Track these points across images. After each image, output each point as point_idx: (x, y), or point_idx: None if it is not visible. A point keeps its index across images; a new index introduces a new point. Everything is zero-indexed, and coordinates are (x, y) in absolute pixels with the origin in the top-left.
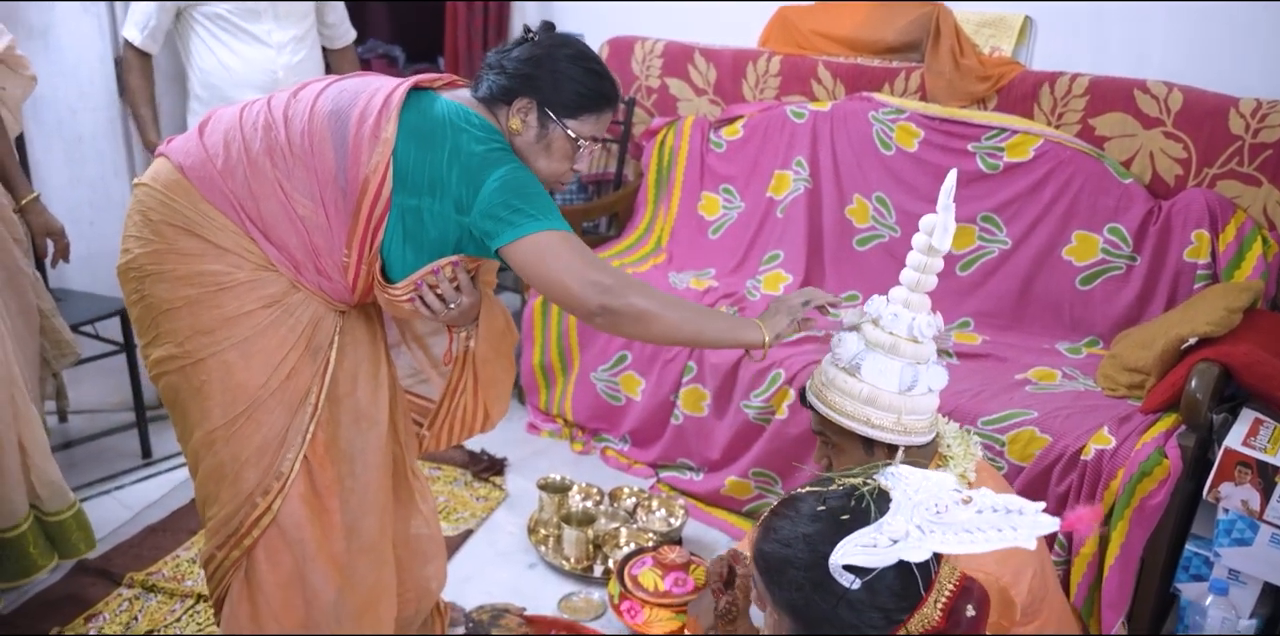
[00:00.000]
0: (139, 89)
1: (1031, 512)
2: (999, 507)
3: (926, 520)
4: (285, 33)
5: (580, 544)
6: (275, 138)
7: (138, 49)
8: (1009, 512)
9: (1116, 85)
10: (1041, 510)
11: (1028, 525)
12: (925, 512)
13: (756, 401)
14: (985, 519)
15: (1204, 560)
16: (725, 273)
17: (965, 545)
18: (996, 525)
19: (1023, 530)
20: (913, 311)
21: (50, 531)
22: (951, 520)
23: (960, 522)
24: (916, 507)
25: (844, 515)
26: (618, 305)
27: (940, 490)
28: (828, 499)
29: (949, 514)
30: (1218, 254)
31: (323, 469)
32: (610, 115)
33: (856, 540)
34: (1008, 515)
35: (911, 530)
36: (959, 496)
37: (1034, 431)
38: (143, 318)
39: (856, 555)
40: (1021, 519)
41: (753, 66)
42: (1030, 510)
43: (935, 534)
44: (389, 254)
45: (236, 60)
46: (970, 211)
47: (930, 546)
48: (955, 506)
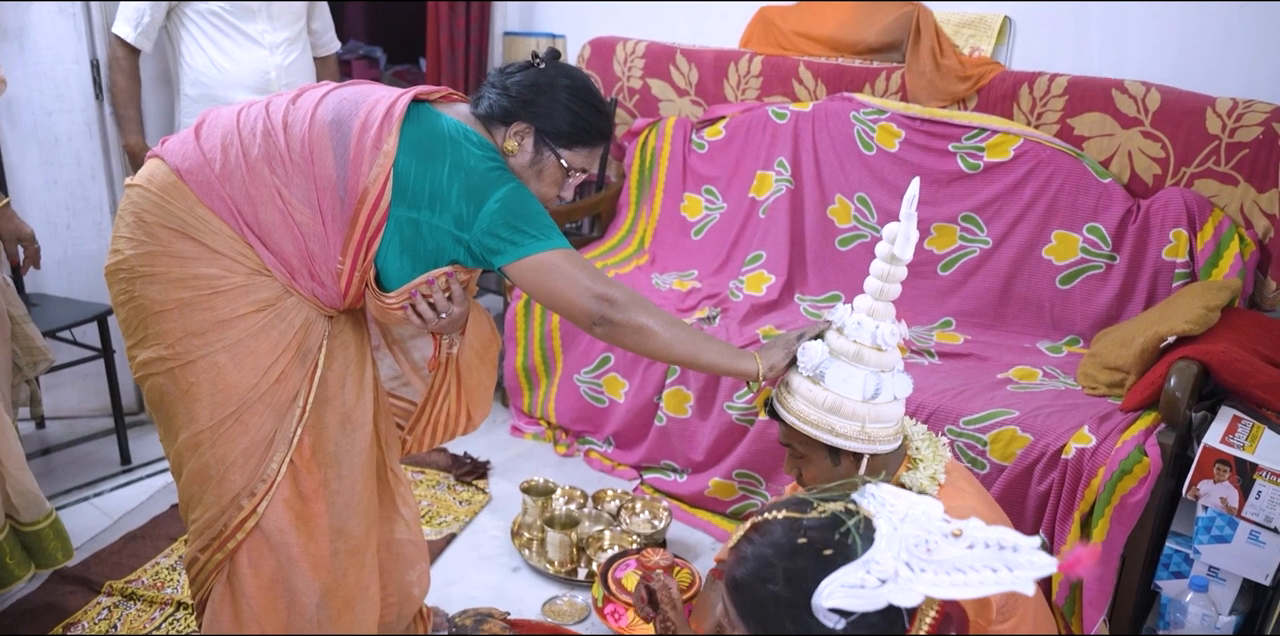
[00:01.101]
0: (126, 89)
1: (1027, 550)
2: (992, 543)
3: (916, 557)
4: (278, 34)
5: (564, 547)
6: (274, 144)
7: (128, 46)
8: (1003, 549)
9: (1095, 85)
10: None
11: (1024, 566)
12: (914, 549)
13: (740, 403)
14: (978, 556)
15: (1184, 557)
16: (708, 273)
17: (959, 587)
18: (990, 564)
19: (1019, 571)
20: (876, 319)
21: (27, 541)
22: (942, 557)
23: (951, 560)
24: (905, 542)
25: (827, 549)
26: (619, 318)
27: (928, 521)
28: (807, 529)
29: (939, 550)
30: (1196, 253)
31: (309, 472)
32: (603, 150)
33: (842, 580)
34: (1001, 552)
35: (900, 569)
36: (949, 528)
37: (1015, 430)
38: (131, 319)
39: (843, 597)
40: (1016, 557)
41: (734, 67)
42: (1025, 547)
43: (926, 574)
44: (384, 263)
45: (229, 60)
46: (951, 211)
47: (921, 589)
48: (945, 540)
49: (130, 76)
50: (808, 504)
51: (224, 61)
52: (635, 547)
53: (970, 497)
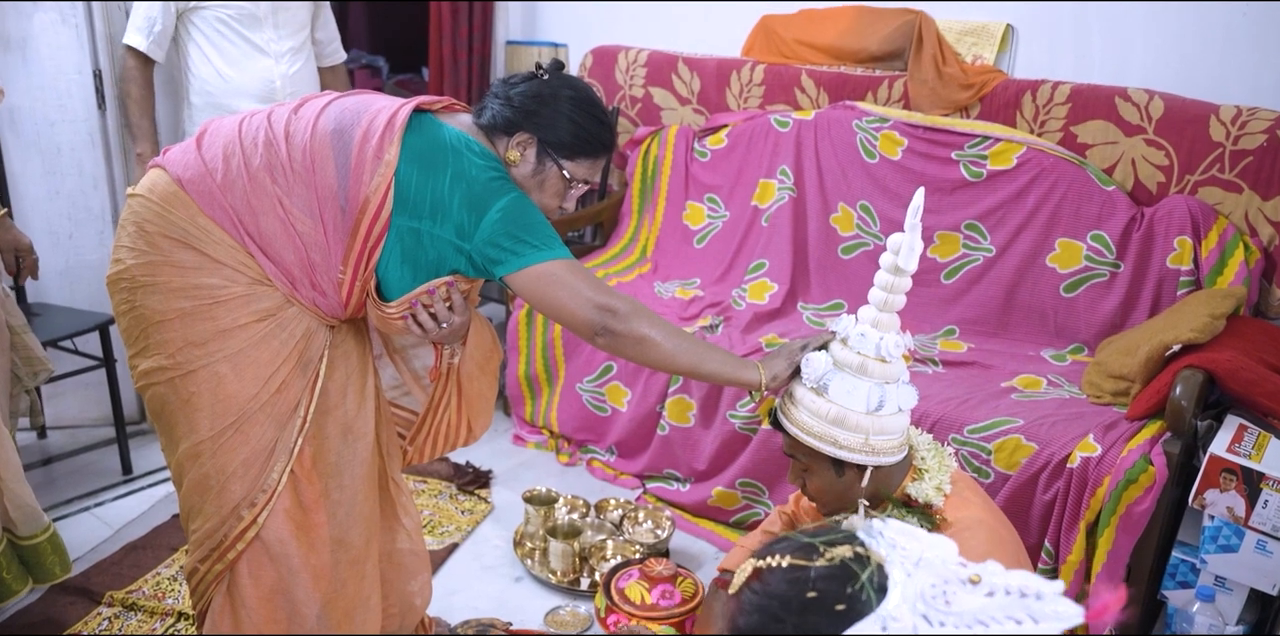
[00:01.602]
0: (140, 99)
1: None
2: (1013, 590)
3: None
4: (284, 43)
5: (566, 557)
6: (276, 154)
7: (141, 57)
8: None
9: (1098, 93)
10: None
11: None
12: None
13: (743, 411)
14: (999, 605)
15: (1190, 567)
16: (710, 282)
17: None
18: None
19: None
20: (881, 331)
21: (24, 556)
22: (961, 608)
23: (972, 611)
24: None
25: (839, 604)
26: (621, 329)
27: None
28: (816, 581)
29: (957, 600)
30: (1200, 260)
31: (309, 483)
32: (605, 161)
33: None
34: (1024, 600)
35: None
36: (966, 574)
37: (1020, 439)
38: (132, 328)
39: None
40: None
41: (736, 75)
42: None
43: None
44: (385, 273)
45: (235, 69)
46: (954, 219)
47: None
48: (963, 589)
49: (143, 87)
50: (813, 550)
51: (229, 70)
52: (638, 557)
53: (976, 508)
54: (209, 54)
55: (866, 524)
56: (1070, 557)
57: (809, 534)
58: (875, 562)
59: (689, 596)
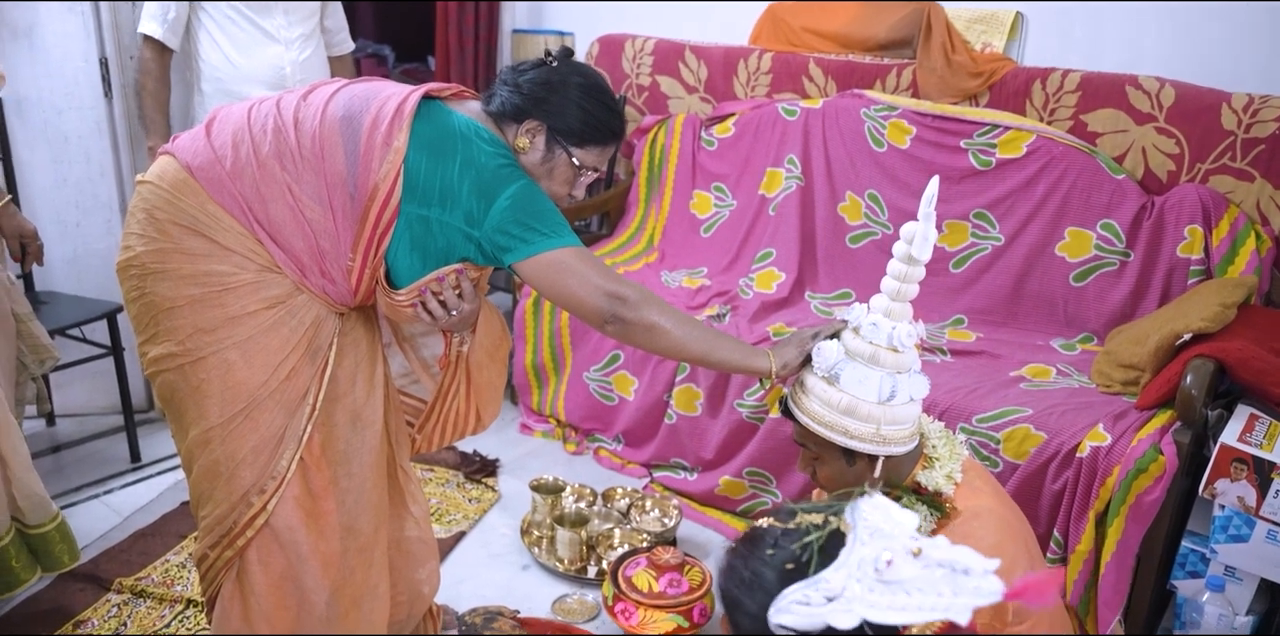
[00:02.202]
0: (155, 92)
1: (978, 574)
2: (946, 564)
3: (867, 576)
4: (294, 29)
5: (574, 545)
6: (285, 141)
7: (157, 47)
8: (954, 573)
9: (1108, 81)
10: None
11: (969, 592)
12: (868, 567)
13: (750, 400)
14: (928, 578)
15: (1200, 557)
16: (718, 271)
17: (896, 612)
18: (937, 588)
19: (962, 597)
20: (893, 320)
21: (33, 544)
22: (895, 577)
23: (902, 582)
24: (863, 560)
25: (789, 564)
26: (631, 317)
27: (893, 539)
28: (777, 541)
29: (894, 569)
30: (1211, 249)
31: (318, 470)
32: (614, 149)
33: (792, 596)
34: (952, 575)
35: (851, 586)
36: (913, 546)
37: (1029, 428)
38: (142, 315)
39: (790, 614)
40: (964, 581)
41: (744, 64)
42: (978, 570)
43: (873, 594)
44: (394, 260)
45: (245, 55)
46: (963, 208)
47: (860, 611)
48: (904, 558)
49: (159, 80)
50: (792, 514)
51: (240, 57)
52: (645, 546)
53: (987, 497)
54: (219, 41)
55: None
56: (1079, 547)
57: (810, 503)
58: (833, 530)
59: (696, 585)
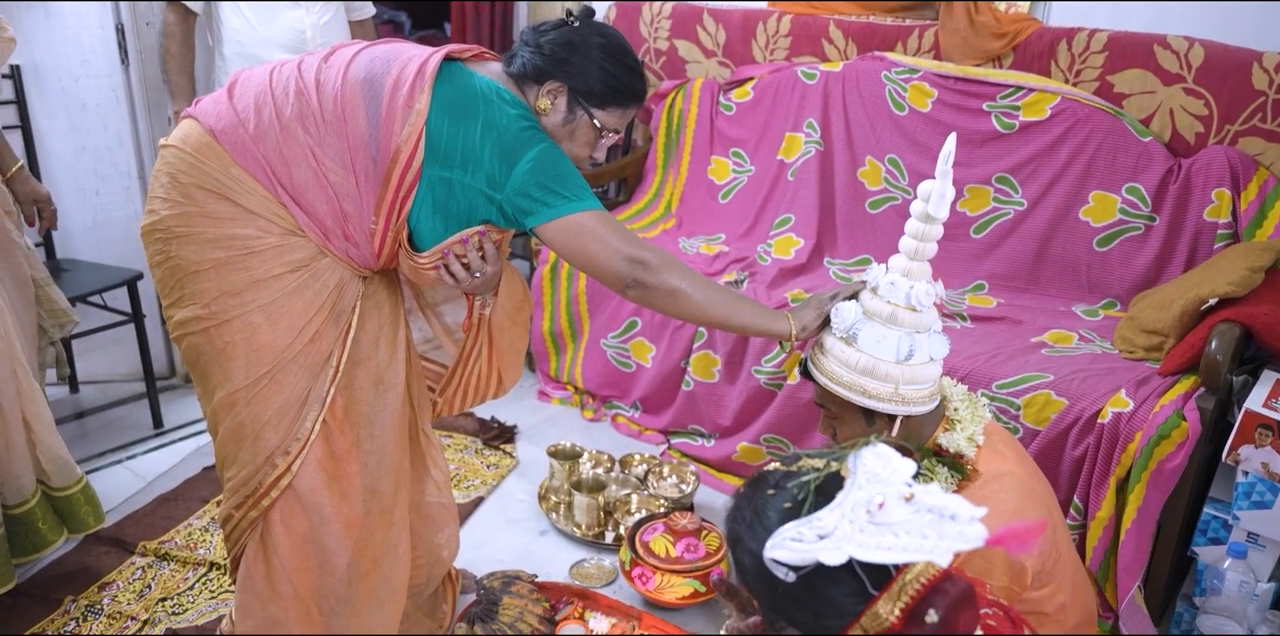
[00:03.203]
0: (179, 56)
1: (964, 521)
2: (934, 510)
3: (859, 517)
4: None
5: (591, 511)
6: (307, 104)
7: (181, 11)
8: (941, 518)
9: (1136, 41)
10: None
11: (952, 536)
12: (860, 509)
13: (768, 367)
14: (916, 522)
15: (1222, 523)
16: (736, 237)
17: (883, 552)
18: (923, 532)
19: (944, 541)
20: (911, 280)
21: (58, 506)
22: (885, 519)
23: (891, 524)
24: (856, 503)
25: (786, 503)
26: (652, 281)
27: (889, 484)
28: (779, 481)
29: (885, 512)
30: (1239, 213)
31: (341, 433)
32: (636, 110)
33: (786, 533)
34: (939, 520)
35: (843, 526)
36: (906, 492)
37: (1050, 394)
38: (167, 279)
39: (782, 549)
40: (949, 526)
41: (762, 27)
42: (965, 516)
43: (862, 534)
44: (417, 223)
45: (266, 19)
46: (985, 172)
47: (849, 549)
48: (896, 502)
49: (183, 43)
50: (796, 459)
51: (260, 21)
52: (663, 511)
53: (1009, 461)
54: (241, 4)
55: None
56: (1100, 513)
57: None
58: (828, 472)
59: (713, 550)
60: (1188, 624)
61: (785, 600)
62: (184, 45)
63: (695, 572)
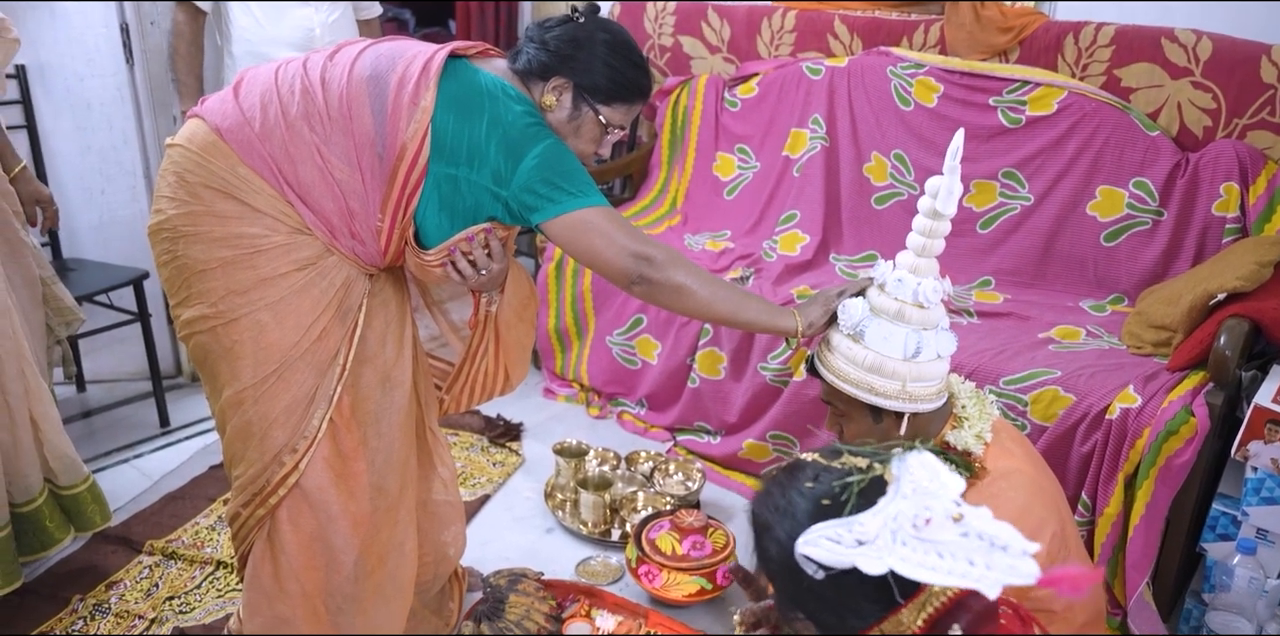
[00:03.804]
0: (187, 56)
1: (1015, 554)
2: (985, 537)
3: (904, 529)
4: None
5: (597, 508)
6: (313, 102)
7: (191, 10)
8: (992, 547)
9: (1143, 34)
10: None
11: (1002, 569)
12: (906, 521)
13: (774, 364)
14: (964, 546)
15: (1231, 519)
16: (741, 234)
17: (928, 571)
18: (971, 558)
19: (995, 573)
20: (919, 276)
21: (66, 505)
22: (930, 537)
23: (937, 543)
24: (902, 513)
25: (825, 499)
26: (657, 277)
27: (939, 498)
28: (819, 475)
29: (931, 529)
30: (1247, 207)
31: (348, 431)
32: (641, 106)
33: (824, 531)
34: (990, 550)
35: (883, 536)
36: (955, 511)
37: (1057, 390)
38: (174, 278)
39: (818, 547)
40: (1000, 558)
41: (767, 22)
42: (1015, 550)
43: (905, 548)
44: (423, 220)
45: (275, 17)
46: (991, 167)
47: (890, 561)
48: (944, 521)
49: (192, 43)
50: (839, 453)
51: (269, 19)
52: (669, 509)
53: (1017, 459)
54: (249, 4)
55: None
56: (1108, 509)
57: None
58: (876, 476)
59: (720, 547)
60: (1196, 620)
61: (808, 595)
62: (193, 45)
63: (702, 570)
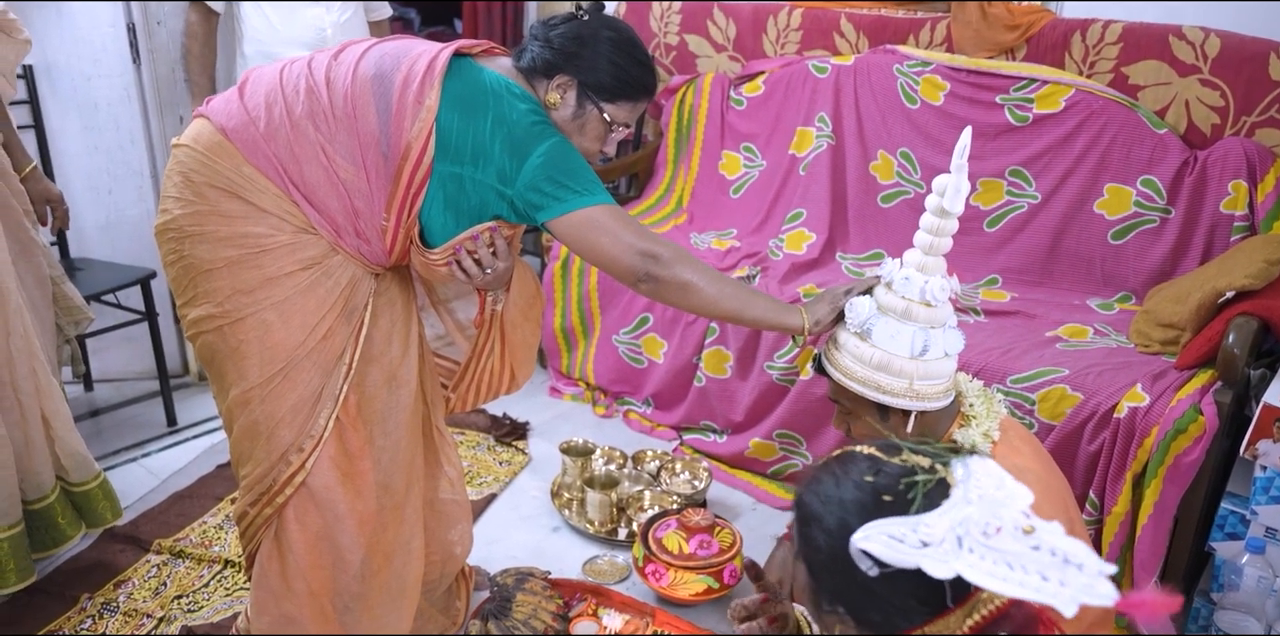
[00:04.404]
0: (200, 56)
1: (1092, 574)
2: (1058, 552)
3: (972, 536)
4: None
5: (604, 507)
6: (318, 101)
7: (203, 11)
8: (1067, 564)
9: (1151, 32)
10: (1107, 574)
11: (1080, 588)
12: (975, 528)
13: (780, 362)
14: (1037, 560)
15: (1240, 518)
16: (747, 232)
17: (998, 581)
18: (1046, 572)
19: (1072, 591)
20: (926, 274)
21: (77, 502)
22: (999, 546)
23: (1005, 553)
24: (969, 519)
25: (887, 495)
26: (664, 275)
27: (1007, 507)
28: (881, 470)
29: (1000, 538)
30: (1256, 205)
31: (354, 430)
32: (646, 104)
33: (886, 528)
34: (1064, 565)
35: (950, 539)
36: (1024, 523)
37: (1065, 389)
38: (181, 278)
39: (879, 544)
40: (1077, 577)
41: (773, 20)
42: (1092, 569)
43: (973, 555)
44: (428, 219)
45: (286, 18)
46: (998, 165)
47: (959, 567)
48: (1013, 532)
49: (204, 44)
50: (897, 449)
51: (281, 19)
52: (675, 508)
53: (1025, 457)
54: (262, 4)
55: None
56: (1116, 508)
57: (912, 441)
58: (941, 477)
59: (726, 546)
60: (1205, 620)
61: (855, 590)
62: (206, 45)
63: (709, 569)
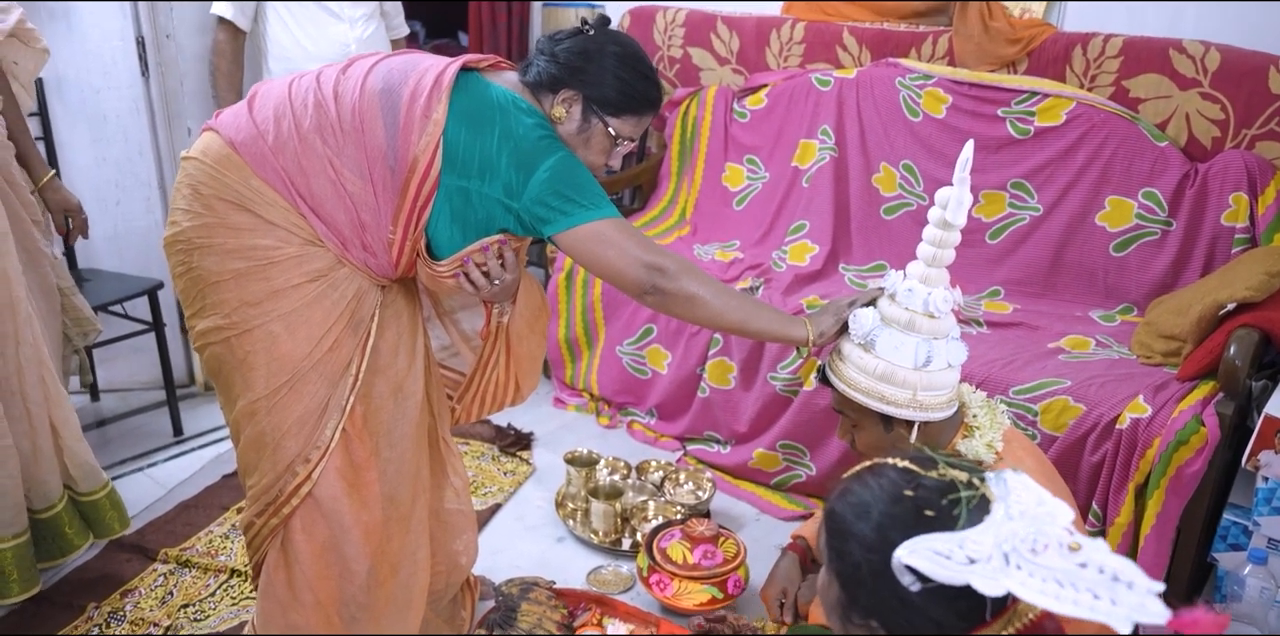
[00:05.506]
0: (228, 73)
1: (1142, 592)
2: (1107, 570)
3: (1019, 552)
4: (357, 9)
5: (608, 517)
6: (326, 115)
7: (231, 29)
8: (1116, 581)
9: (1151, 45)
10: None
11: (1131, 606)
12: (1021, 544)
13: (784, 373)
14: (1086, 577)
15: (1242, 529)
16: (750, 244)
17: (1049, 599)
18: (1096, 589)
19: (1124, 609)
20: (929, 286)
21: (85, 511)
22: (1048, 563)
23: (1055, 569)
24: (1014, 535)
25: (929, 510)
26: (670, 287)
27: (1050, 524)
28: (921, 485)
29: (1047, 555)
30: (1257, 217)
31: (361, 441)
32: (651, 118)
33: (931, 544)
34: (1113, 583)
35: (996, 556)
36: (1069, 540)
37: (1067, 400)
38: (189, 289)
39: (925, 560)
40: (1127, 595)
41: (776, 34)
42: (1141, 587)
43: (1021, 572)
44: (435, 232)
45: (311, 35)
46: (1000, 178)
47: (1008, 584)
48: (1059, 550)
49: (233, 61)
50: (933, 463)
51: (306, 37)
52: (679, 518)
53: (1028, 468)
54: (287, 21)
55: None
56: (1118, 519)
57: (948, 457)
58: (981, 493)
59: (730, 557)
60: None
61: (893, 604)
62: (234, 63)
63: (712, 579)
